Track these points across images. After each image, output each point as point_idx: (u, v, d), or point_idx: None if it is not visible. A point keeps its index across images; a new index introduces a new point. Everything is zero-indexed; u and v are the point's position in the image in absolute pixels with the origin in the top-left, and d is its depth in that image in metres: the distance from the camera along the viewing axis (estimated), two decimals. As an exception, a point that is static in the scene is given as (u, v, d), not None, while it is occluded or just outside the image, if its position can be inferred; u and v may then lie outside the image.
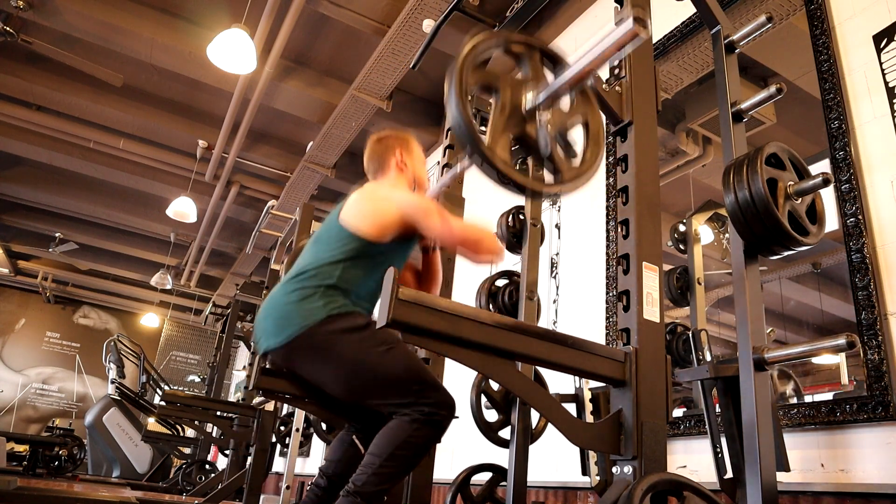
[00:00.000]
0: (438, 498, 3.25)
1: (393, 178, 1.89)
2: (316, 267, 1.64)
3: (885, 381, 1.61)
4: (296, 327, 1.56)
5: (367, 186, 1.81)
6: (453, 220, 1.68)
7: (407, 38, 3.88)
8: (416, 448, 1.49)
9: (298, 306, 1.59)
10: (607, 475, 1.79)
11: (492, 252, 1.67)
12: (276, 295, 1.67)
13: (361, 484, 1.45)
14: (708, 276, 2.20)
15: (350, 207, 1.73)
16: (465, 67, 1.07)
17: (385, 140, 1.95)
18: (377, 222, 1.68)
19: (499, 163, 1.05)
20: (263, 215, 5.73)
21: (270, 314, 1.64)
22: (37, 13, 4.24)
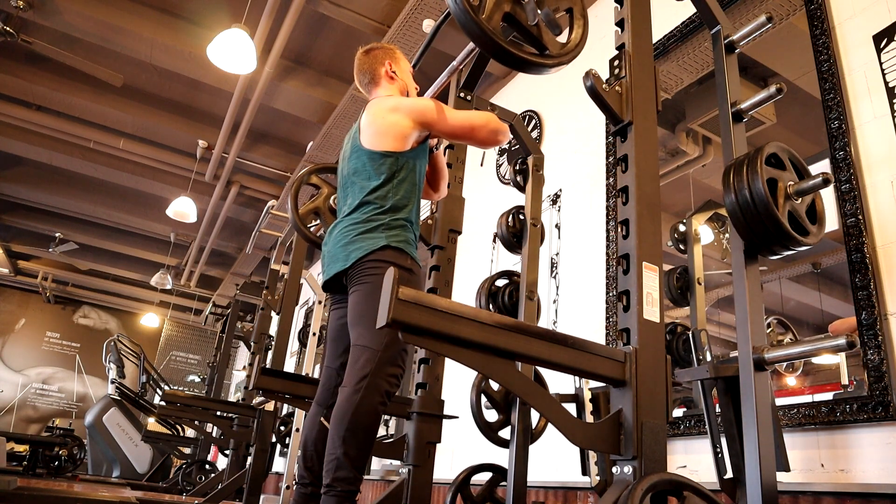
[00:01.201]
0: (438, 498, 3.25)
1: (386, 88, 2.01)
2: (370, 193, 1.79)
3: (885, 381, 1.61)
4: (359, 251, 1.72)
5: (371, 106, 1.89)
6: (455, 111, 1.86)
7: (407, 38, 3.88)
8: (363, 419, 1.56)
9: (364, 236, 1.74)
10: (607, 475, 1.79)
11: (498, 131, 1.85)
12: (344, 226, 1.80)
13: (334, 474, 1.51)
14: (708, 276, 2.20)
15: (367, 131, 1.85)
16: None
17: (372, 52, 2.05)
18: (398, 134, 1.81)
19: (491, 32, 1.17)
20: (263, 215, 5.72)
21: (339, 241, 1.79)
22: (37, 13, 4.24)
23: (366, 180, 1.81)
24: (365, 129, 1.86)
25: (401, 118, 1.81)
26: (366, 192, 1.80)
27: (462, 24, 1.17)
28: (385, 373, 1.62)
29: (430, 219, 2.32)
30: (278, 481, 6.18)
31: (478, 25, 1.17)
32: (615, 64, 1.40)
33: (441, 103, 1.87)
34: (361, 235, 1.75)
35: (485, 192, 4.01)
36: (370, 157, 1.82)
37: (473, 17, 1.16)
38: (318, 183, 2.66)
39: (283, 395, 2.22)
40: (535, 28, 1.27)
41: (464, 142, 1.97)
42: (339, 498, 1.50)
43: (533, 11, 1.25)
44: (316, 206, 2.58)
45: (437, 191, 2.15)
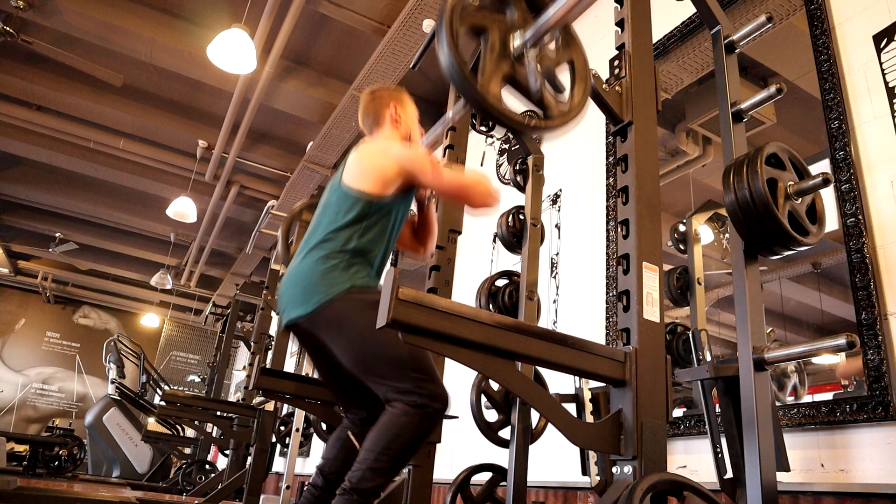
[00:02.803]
0: (438, 498, 3.25)
1: (388, 133, 1.95)
2: (333, 232, 1.70)
3: (885, 381, 1.61)
4: (321, 296, 1.61)
5: (363, 145, 1.85)
6: (448, 171, 1.75)
7: (407, 38, 3.88)
8: (409, 440, 1.50)
9: (323, 276, 1.64)
10: (607, 475, 1.79)
11: (488, 196, 1.72)
12: (301, 265, 1.70)
13: (357, 480, 1.45)
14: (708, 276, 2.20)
15: (351, 168, 1.79)
16: (455, 9, 1.11)
17: (379, 94, 2.00)
18: (378, 178, 1.73)
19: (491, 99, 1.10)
20: (263, 215, 5.73)
21: (297, 283, 1.68)
22: (37, 13, 4.24)
23: (334, 217, 1.73)
24: (350, 165, 1.80)
25: (388, 162, 1.74)
26: (330, 230, 1.70)
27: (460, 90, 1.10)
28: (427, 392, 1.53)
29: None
30: (278, 481, 6.18)
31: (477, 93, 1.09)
32: (615, 64, 1.40)
33: (435, 158, 1.79)
34: (321, 276, 1.63)
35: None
36: (345, 194, 1.74)
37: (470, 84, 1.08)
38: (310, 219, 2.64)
39: (283, 395, 2.22)
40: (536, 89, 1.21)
41: (452, 200, 1.92)
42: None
43: (534, 74, 1.18)
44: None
45: (425, 249, 2.05)
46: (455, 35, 1.09)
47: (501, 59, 1.17)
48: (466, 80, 1.07)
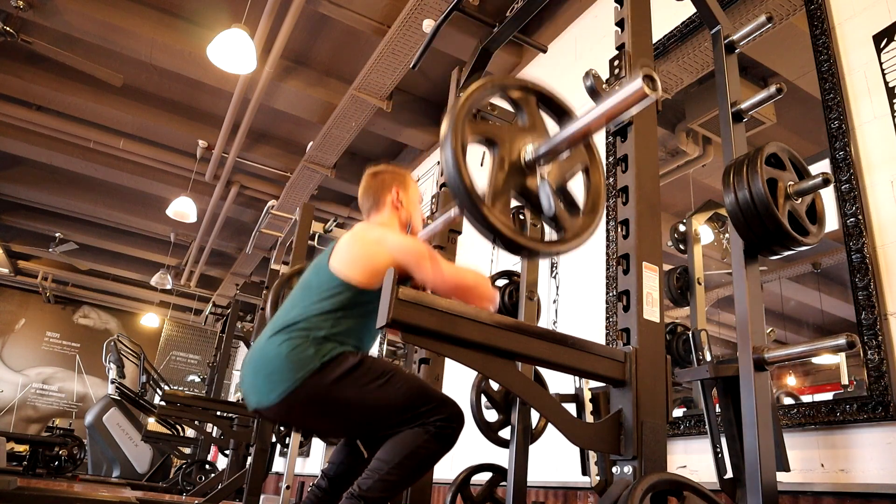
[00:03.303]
0: (438, 498, 3.25)
1: (387, 217, 1.84)
2: (306, 318, 1.57)
3: (885, 381, 1.61)
4: (290, 382, 1.49)
5: (358, 228, 1.75)
6: (445, 266, 1.64)
7: (407, 38, 3.88)
8: (424, 459, 1.49)
9: (289, 358, 1.51)
10: (607, 475, 1.79)
11: (485, 298, 1.62)
12: (265, 348, 1.58)
13: (366, 489, 1.45)
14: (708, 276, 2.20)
15: (340, 253, 1.67)
16: (462, 122, 1.00)
17: (381, 176, 1.89)
18: (368, 268, 1.62)
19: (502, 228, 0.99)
20: (263, 215, 5.73)
21: (261, 369, 1.56)
22: (37, 13, 4.24)
23: (312, 301, 1.61)
24: (339, 248, 1.69)
25: (381, 253, 1.63)
26: (304, 315, 1.58)
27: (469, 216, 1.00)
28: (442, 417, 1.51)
29: (431, 219, 2.32)
30: (278, 481, 6.18)
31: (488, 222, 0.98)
32: (615, 64, 1.40)
33: (434, 252, 1.66)
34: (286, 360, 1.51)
35: (485, 192, 4.01)
36: (328, 280, 1.63)
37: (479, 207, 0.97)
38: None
39: (283, 395, 2.21)
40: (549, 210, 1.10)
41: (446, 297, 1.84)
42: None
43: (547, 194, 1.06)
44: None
45: None
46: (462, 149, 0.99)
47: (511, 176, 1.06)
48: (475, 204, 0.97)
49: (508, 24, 2.11)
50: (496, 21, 2.17)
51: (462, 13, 2.20)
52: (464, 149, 1.00)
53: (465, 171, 0.97)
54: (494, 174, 1.04)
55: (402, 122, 5.05)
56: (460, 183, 0.97)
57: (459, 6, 2.14)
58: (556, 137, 1.06)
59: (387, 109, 4.64)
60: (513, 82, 1.13)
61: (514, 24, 2.10)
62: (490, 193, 1.02)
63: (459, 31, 3.85)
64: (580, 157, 1.17)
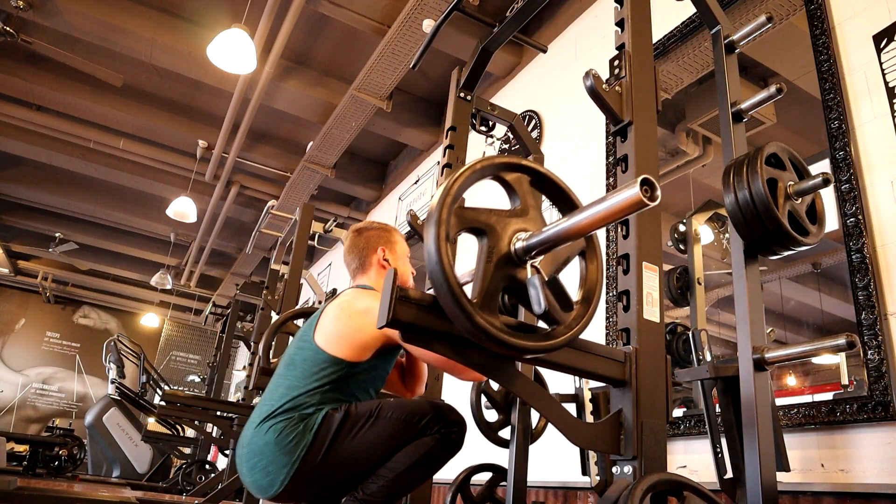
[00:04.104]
0: (438, 498, 3.25)
1: (373, 278, 1.80)
2: (291, 398, 1.54)
3: (885, 381, 1.61)
4: (288, 467, 1.48)
5: (345, 299, 1.68)
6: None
7: (407, 38, 3.88)
8: (430, 465, 1.50)
9: (279, 444, 1.49)
10: (607, 475, 1.79)
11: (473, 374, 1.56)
12: (253, 439, 1.55)
13: (370, 493, 1.46)
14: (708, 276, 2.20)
15: (325, 327, 1.62)
16: (447, 213, 0.92)
17: (366, 234, 1.84)
18: (356, 343, 1.58)
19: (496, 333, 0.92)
20: (263, 215, 5.72)
21: (256, 465, 1.52)
22: (37, 13, 4.24)
23: (298, 380, 1.57)
24: (325, 321, 1.63)
25: (370, 325, 1.57)
26: (290, 396, 1.54)
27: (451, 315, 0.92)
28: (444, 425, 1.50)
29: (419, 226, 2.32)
30: (278, 481, 6.17)
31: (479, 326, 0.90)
32: (615, 64, 1.40)
33: None
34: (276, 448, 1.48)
35: (485, 192, 4.01)
36: (314, 356, 1.59)
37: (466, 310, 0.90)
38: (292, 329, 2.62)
39: (283, 395, 2.22)
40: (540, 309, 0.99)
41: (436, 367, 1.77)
42: None
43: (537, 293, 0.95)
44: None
45: (412, 393, 1.91)
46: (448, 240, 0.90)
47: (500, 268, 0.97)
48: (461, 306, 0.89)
49: (508, 24, 2.11)
50: (496, 21, 2.17)
51: (462, 13, 2.20)
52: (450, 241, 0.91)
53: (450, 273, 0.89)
54: (482, 269, 0.96)
55: (402, 122, 5.05)
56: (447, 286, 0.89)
57: (459, 6, 2.14)
58: (548, 232, 0.97)
59: (387, 109, 4.64)
60: (504, 162, 1.03)
61: (514, 24, 2.10)
62: (478, 292, 0.94)
63: (459, 31, 3.85)
64: (578, 244, 1.10)
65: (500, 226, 0.99)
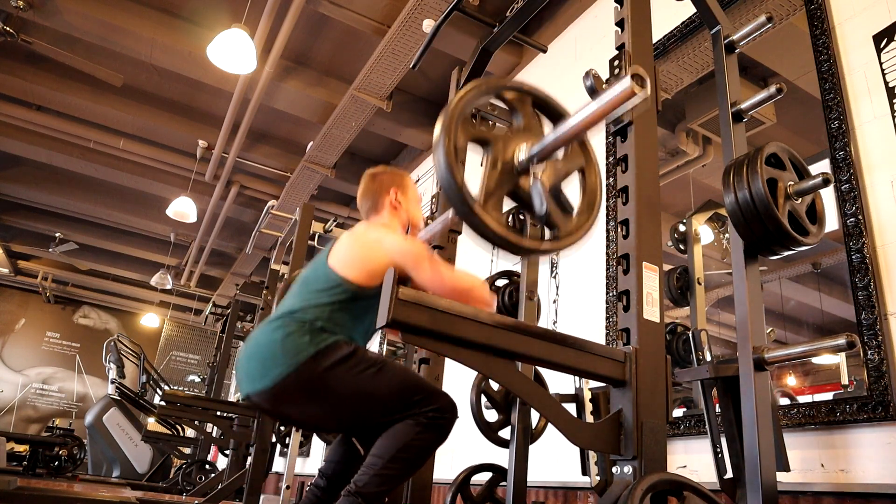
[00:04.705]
0: (438, 498, 3.25)
1: (387, 218, 1.85)
2: (302, 308, 1.60)
3: (885, 381, 1.61)
4: (284, 367, 1.50)
5: (358, 228, 1.77)
6: (444, 269, 1.63)
7: (407, 38, 3.88)
8: (419, 451, 1.50)
9: (283, 344, 1.53)
10: (607, 475, 1.79)
11: (481, 302, 1.62)
12: (260, 335, 1.60)
13: (363, 484, 1.45)
14: (708, 276, 2.21)
15: (339, 251, 1.70)
16: (454, 123, 1.00)
17: (380, 178, 1.90)
18: (366, 269, 1.64)
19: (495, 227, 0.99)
20: (263, 215, 5.72)
21: (255, 355, 1.57)
22: (37, 13, 4.24)
23: (308, 295, 1.64)
24: (339, 247, 1.71)
25: (379, 253, 1.64)
26: (301, 306, 1.60)
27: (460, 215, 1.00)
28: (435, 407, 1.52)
29: (431, 219, 2.32)
30: (278, 481, 6.18)
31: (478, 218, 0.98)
32: (615, 64, 1.40)
33: (433, 255, 1.67)
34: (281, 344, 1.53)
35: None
36: (326, 276, 1.66)
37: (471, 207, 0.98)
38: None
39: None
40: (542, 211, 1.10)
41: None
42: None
43: (540, 194, 1.06)
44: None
45: None
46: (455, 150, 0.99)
47: (504, 176, 1.06)
48: (467, 204, 0.98)
49: (508, 24, 2.11)
50: (496, 21, 2.17)
51: (462, 13, 2.20)
52: (456, 150, 1.00)
53: (456, 172, 0.97)
54: (487, 174, 1.04)
55: (402, 122, 5.05)
56: (452, 182, 0.98)
57: (459, 6, 2.14)
58: (549, 137, 1.07)
59: (387, 109, 4.64)
60: (507, 84, 1.12)
61: (514, 24, 2.10)
62: (482, 193, 1.02)
63: (459, 31, 3.85)
64: (576, 158, 1.17)
65: (504, 139, 1.07)
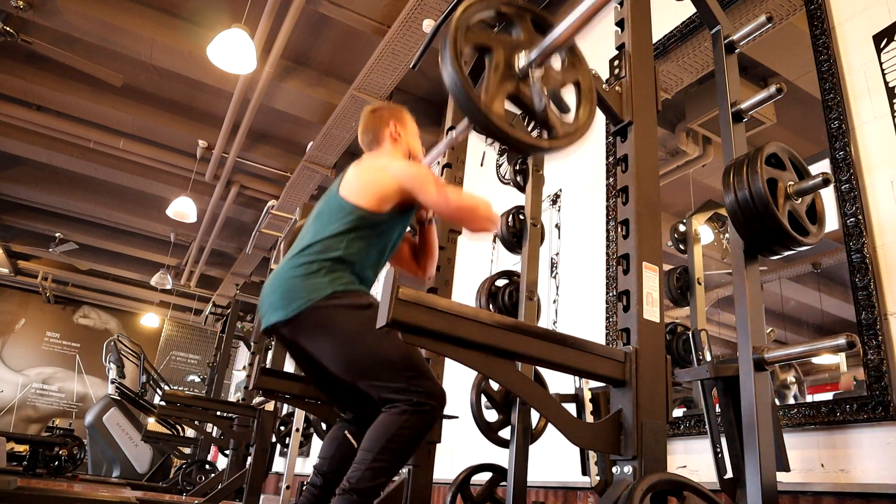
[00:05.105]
0: (438, 498, 3.25)
1: (388, 150, 1.93)
2: (320, 241, 1.67)
3: (885, 381, 1.61)
4: (302, 301, 1.58)
5: (364, 159, 1.84)
6: (449, 189, 1.72)
7: (407, 38, 3.88)
8: (407, 440, 1.50)
9: (304, 281, 1.61)
10: (607, 475, 1.79)
11: (487, 220, 1.70)
12: (282, 270, 1.69)
13: (356, 481, 1.46)
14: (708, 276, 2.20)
15: (349, 180, 1.77)
16: (459, 28, 1.10)
17: (379, 112, 1.98)
18: (376, 193, 1.70)
19: (495, 118, 1.08)
20: (263, 215, 5.73)
21: (277, 289, 1.66)
22: (37, 13, 4.24)
23: (323, 226, 1.71)
24: (348, 178, 1.78)
25: (386, 178, 1.72)
26: (317, 239, 1.68)
27: (464, 109, 1.09)
28: (423, 390, 1.54)
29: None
30: (278, 481, 6.18)
31: (481, 112, 1.07)
32: (615, 64, 1.40)
33: (438, 177, 1.77)
34: (302, 281, 1.61)
35: (485, 192, 4.01)
36: (339, 205, 1.72)
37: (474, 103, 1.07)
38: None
39: (283, 395, 2.22)
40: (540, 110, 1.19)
41: (451, 221, 1.89)
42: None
43: (539, 94, 1.16)
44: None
45: (424, 271, 2.01)
46: (459, 54, 1.08)
47: (506, 79, 1.14)
48: (471, 99, 1.06)
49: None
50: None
51: (462, 13, 2.20)
52: (461, 52, 1.09)
53: (461, 72, 1.05)
54: (489, 78, 1.13)
55: (402, 122, 5.05)
56: (458, 81, 1.05)
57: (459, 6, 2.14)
58: (546, 40, 1.17)
59: (387, 109, 4.64)
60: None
61: (514, 24, 2.10)
62: (486, 93, 1.11)
63: (459, 31, 3.85)
64: (571, 70, 1.26)
65: (505, 45, 1.16)
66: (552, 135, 1.18)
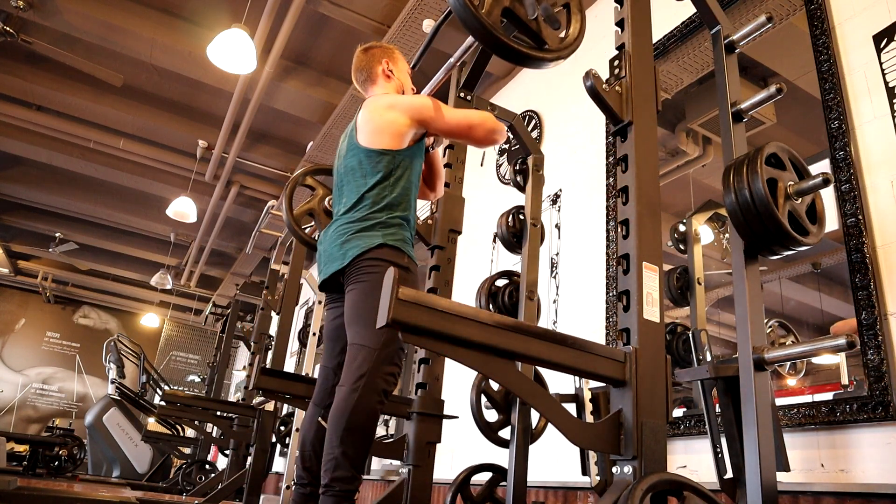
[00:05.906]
0: (438, 498, 3.25)
1: (382, 87, 2.03)
2: (367, 191, 1.78)
3: (885, 381, 1.61)
4: (356, 249, 1.72)
5: (368, 103, 1.90)
6: (454, 110, 1.87)
7: (407, 38, 3.88)
8: (366, 415, 1.56)
9: (360, 233, 1.74)
10: (607, 475, 1.79)
11: (493, 131, 1.86)
12: (337, 226, 1.81)
13: (332, 472, 1.50)
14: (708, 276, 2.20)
15: (364, 129, 1.85)
16: None
17: (370, 51, 2.07)
18: (394, 132, 1.81)
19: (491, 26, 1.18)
20: (263, 215, 5.72)
21: (334, 241, 1.79)
22: (37, 13, 4.24)
23: (361, 178, 1.81)
24: (362, 126, 1.85)
25: (398, 115, 1.81)
26: (362, 191, 1.79)
27: (462, 18, 1.18)
28: (383, 371, 1.61)
29: (430, 219, 2.32)
30: (278, 481, 6.18)
31: (478, 20, 1.17)
32: (615, 64, 1.40)
33: (438, 101, 1.87)
34: (358, 234, 1.74)
35: (485, 192, 4.01)
36: (367, 155, 1.81)
37: (473, 11, 1.17)
38: (313, 184, 2.66)
39: (282, 395, 2.22)
40: (533, 23, 1.29)
41: (461, 140, 1.97)
42: (337, 498, 1.50)
43: (532, 6, 1.27)
44: (311, 207, 2.59)
45: (434, 190, 2.15)
46: None
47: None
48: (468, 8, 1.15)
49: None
50: (496, 21, 2.17)
51: (462, 13, 2.20)
52: None
53: None
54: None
55: (402, 122, 5.05)
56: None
57: (459, 6, 2.14)
58: None
59: (387, 109, 4.63)
60: None
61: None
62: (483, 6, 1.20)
63: (459, 31, 3.85)
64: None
65: None
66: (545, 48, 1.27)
